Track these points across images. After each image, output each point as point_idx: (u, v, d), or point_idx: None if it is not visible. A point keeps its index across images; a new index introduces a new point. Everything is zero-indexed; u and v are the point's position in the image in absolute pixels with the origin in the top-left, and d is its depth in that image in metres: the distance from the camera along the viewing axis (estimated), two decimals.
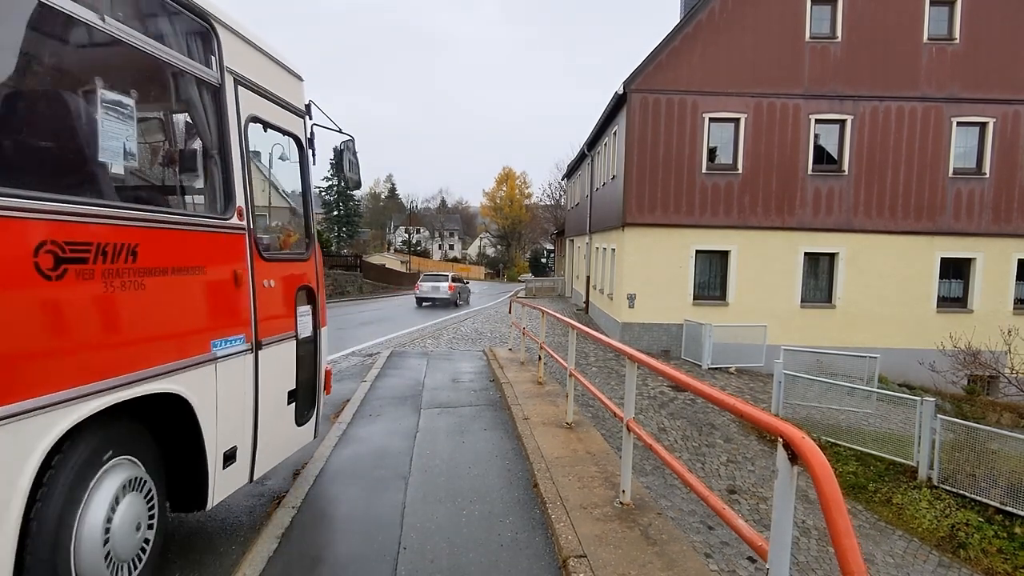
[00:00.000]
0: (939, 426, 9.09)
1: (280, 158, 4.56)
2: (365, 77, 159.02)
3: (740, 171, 16.70)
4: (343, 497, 4.58)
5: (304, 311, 4.43)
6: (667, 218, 16.73)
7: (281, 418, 4.14)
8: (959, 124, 16.61)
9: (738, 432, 10.70)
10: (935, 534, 7.95)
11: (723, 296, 17.07)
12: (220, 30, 3.41)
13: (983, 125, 16.64)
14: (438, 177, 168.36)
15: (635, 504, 4.15)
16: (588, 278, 24.88)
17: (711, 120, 16.64)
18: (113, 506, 2.63)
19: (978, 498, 8.45)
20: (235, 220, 3.49)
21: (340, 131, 5.17)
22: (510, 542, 3.86)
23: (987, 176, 16.70)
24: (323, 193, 70.16)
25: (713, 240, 16.83)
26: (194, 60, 3.23)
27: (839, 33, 16.36)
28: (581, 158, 27.77)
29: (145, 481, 2.91)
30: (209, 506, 3.29)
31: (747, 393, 13.69)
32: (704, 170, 16.68)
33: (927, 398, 9.53)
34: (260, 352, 3.73)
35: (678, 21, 17.34)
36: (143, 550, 2.88)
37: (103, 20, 2.50)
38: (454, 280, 28.47)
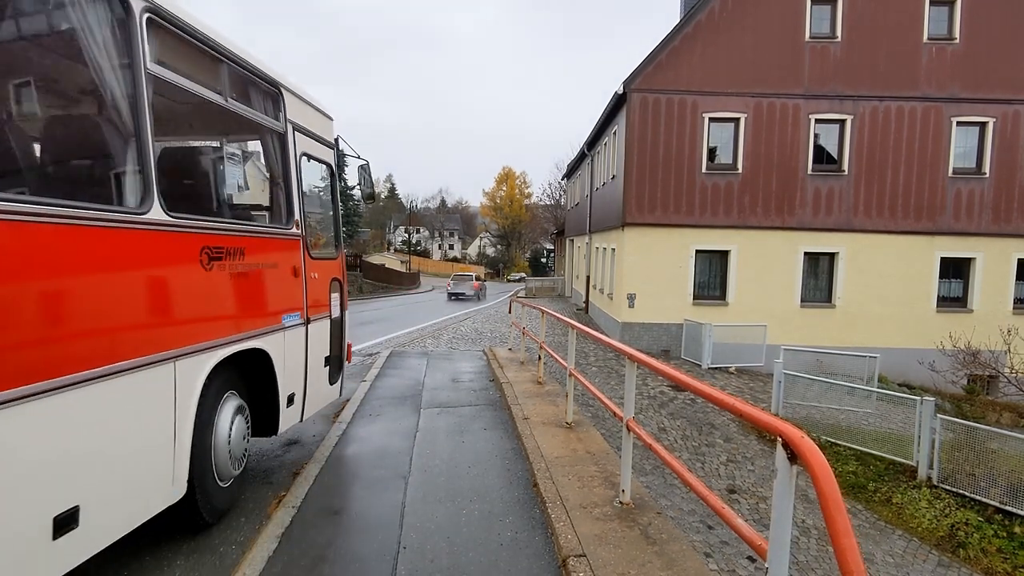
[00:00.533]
0: (939, 426, 9.10)
1: (319, 180, 6.03)
2: (367, 76, 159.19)
3: (740, 171, 16.70)
4: (343, 497, 4.58)
5: (335, 298, 5.82)
6: (667, 218, 16.74)
7: (320, 377, 5.49)
8: (959, 124, 16.62)
9: (738, 432, 10.70)
10: (935, 533, 7.95)
11: (723, 296, 17.08)
12: (285, 93, 4.74)
13: (983, 125, 16.65)
14: (438, 177, 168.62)
15: (635, 504, 4.15)
16: (588, 278, 24.89)
17: (711, 120, 16.64)
18: (230, 422, 4.03)
19: (978, 497, 8.46)
20: (294, 229, 4.83)
21: (358, 157, 6.70)
22: (510, 541, 3.86)
23: (987, 176, 16.71)
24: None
25: (713, 240, 16.84)
26: (269, 116, 4.57)
27: (839, 33, 16.36)
28: (581, 158, 27.77)
29: (244, 409, 4.28)
30: (279, 432, 4.66)
31: (747, 393, 13.69)
32: (704, 170, 16.69)
33: (927, 398, 9.53)
34: (309, 326, 5.11)
35: (678, 21, 17.33)
36: (244, 455, 4.32)
37: (226, 101, 3.88)
38: (477, 279, 36.61)
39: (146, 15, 3.13)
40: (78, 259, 2.65)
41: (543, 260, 70.07)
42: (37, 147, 3.18)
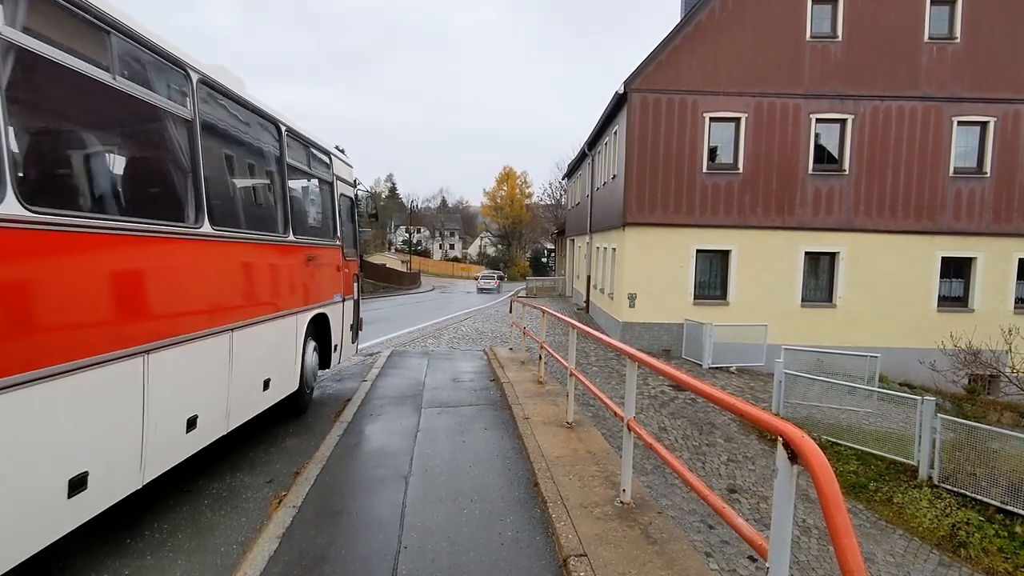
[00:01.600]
0: (940, 425, 9.09)
1: (347, 208, 8.61)
2: (368, 76, 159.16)
3: (741, 171, 16.69)
4: (344, 497, 4.58)
5: (355, 286, 8.84)
6: (668, 218, 16.73)
7: (348, 337, 8.46)
8: (960, 123, 16.60)
9: (739, 431, 10.70)
10: (935, 533, 7.95)
11: (724, 295, 17.07)
12: (333, 159, 7.83)
13: (984, 124, 16.63)
14: (438, 176, 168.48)
15: (635, 503, 4.16)
16: (589, 278, 24.89)
17: (711, 120, 16.63)
18: (312, 354, 6.92)
19: (979, 497, 8.44)
20: (337, 242, 7.78)
21: (367, 190, 9.98)
22: (511, 541, 3.86)
23: (988, 176, 16.69)
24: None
25: (714, 240, 16.83)
26: (325, 174, 7.52)
27: (840, 33, 16.35)
28: (582, 158, 27.76)
29: (316, 349, 7.10)
30: (331, 368, 8.04)
31: (748, 393, 13.69)
32: (705, 170, 16.68)
33: (928, 397, 9.52)
34: (344, 303, 8.10)
35: (679, 21, 17.32)
36: (315, 377, 7.29)
37: (309, 167, 6.81)
38: (499, 278, 52.08)
39: (285, 131, 6.14)
40: (272, 259, 5.80)
41: (544, 260, 70.04)
42: (240, 204, 5.46)
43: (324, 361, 7.54)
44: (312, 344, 6.97)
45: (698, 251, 16.91)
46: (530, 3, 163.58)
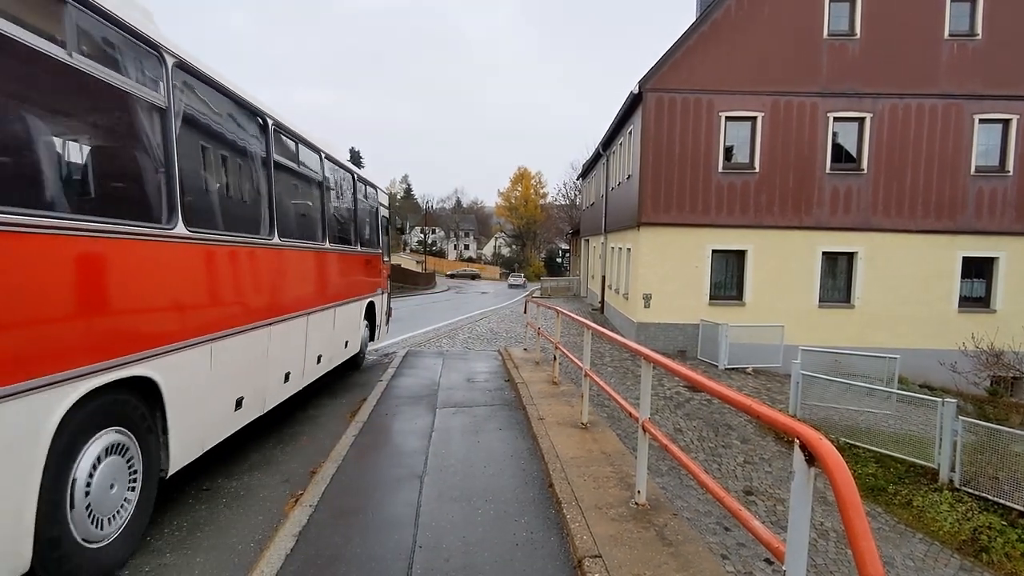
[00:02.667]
0: (961, 428, 8.95)
1: (383, 223, 10.82)
2: (383, 77, 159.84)
3: (757, 170, 16.56)
4: (359, 496, 4.61)
5: (389, 283, 11.37)
6: (683, 217, 16.65)
7: (383, 320, 10.92)
8: (981, 121, 16.34)
9: (755, 433, 10.62)
10: (956, 537, 7.83)
11: (740, 296, 16.94)
12: (378, 190, 10.46)
13: (1006, 122, 16.36)
14: (453, 177, 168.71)
15: (650, 505, 4.14)
16: (603, 278, 24.82)
17: (727, 119, 16.52)
18: (365, 330, 9.81)
19: (1001, 501, 8.31)
20: (379, 249, 10.38)
21: (389, 208, 11.83)
22: (525, 541, 3.87)
23: (1010, 174, 16.41)
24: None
25: (729, 239, 16.71)
26: (372, 201, 10.03)
27: (858, 30, 16.17)
28: (596, 158, 27.70)
29: (368, 325, 9.93)
30: (375, 344, 11.02)
31: (764, 394, 13.58)
32: (720, 169, 16.57)
33: (948, 399, 9.38)
34: (383, 295, 10.68)
35: (694, 20, 17.22)
36: (366, 347, 10.20)
37: (365, 199, 9.52)
38: (524, 278, 59.70)
39: (356, 178, 9.14)
40: (351, 263, 8.56)
41: (558, 260, 69.96)
42: (335, 226, 8.00)
43: (371, 337, 10.62)
44: (365, 322, 9.70)
45: (714, 251, 16.81)
46: (546, 3, 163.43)
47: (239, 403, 4.93)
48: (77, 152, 3.44)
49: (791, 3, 16.22)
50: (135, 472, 3.55)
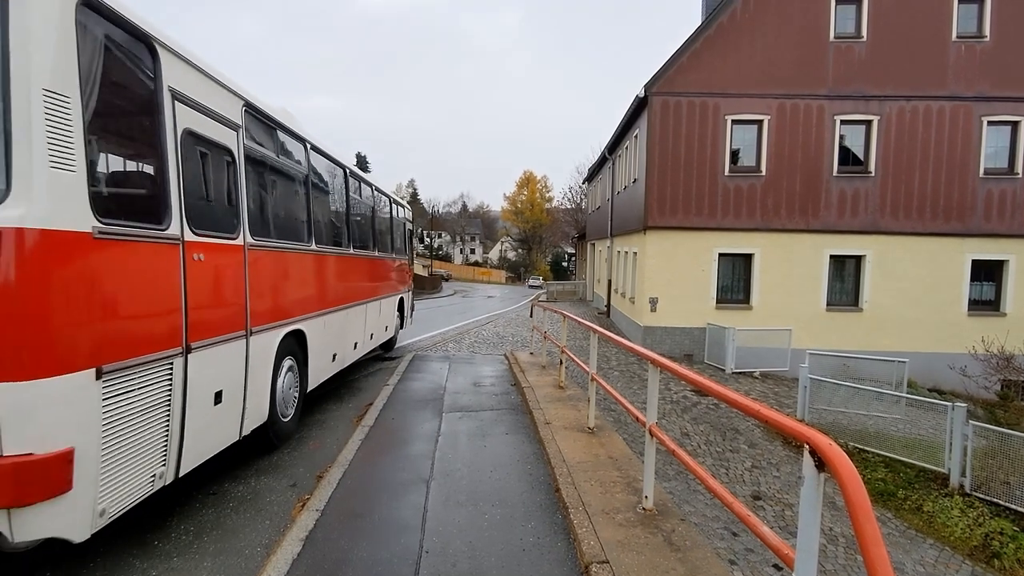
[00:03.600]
0: (971, 432, 8.87)
1: (409, 237, 13.65)
2: (390, 83, 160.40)
3: (763, 173, 16.51)
4: (366, 500, 4.61)
5: (411, 283, 13.86)
6: (689, 221, 16.61)
7: (408, 312, 13.75)
8: (990, 123, 16.24)
9: (763, 437, 10.56)
10: (967, 543, 7.75)
11: (746, 299, 16.88)
12: (407, 210, 13.28)
13: (1015, 124, 16.25)
14: (459, 181, 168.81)
15: (657, 509, 4.12)
16: (610, 282, 24.78)
17: (733, 122, 16.49)
18: (399, 316, 12.65)
19: (1013, 506, 8.23)
20: (407, 256, 13.24)
21: (412, 221, 14.24)
22: (532, 546, 3.85)
23: (1019, 176, 16.30)
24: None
25: (736, 243, 16.66)
26: (402, 219, 12.63)
27: (864, 32, 16.12)
28: (602, 162, 27.68)
29: (398, 315, 12.45)
30: (403, 326, 13.44)
31: (771, 398, 13.50)
32: (727, 172, 16.53)
33: (958, 403, 9.30)
34: (408, 292, 13.50)
35: (699, 24, 17.21)
36: (399, 328, 12.83)
37: (399, 218, 12.27)
38: (543, 279, 63.78)
39: (391, 201, 11.81)
40: (392, 266, 11.47)
41: (564, 264, 69.87)
42: (379, 238, 10.38)
43: (401, 322, 13.24)
44: (396, 313, 12.17)
45: (720, 254, 16.75)
46: (552, 7, 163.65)
47: (333, 357, 7.62)
48: (294, 208, 6.44)
49: (797, 5, 16.18)
50: (297, 385, 6.31)
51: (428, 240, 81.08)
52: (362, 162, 69.08)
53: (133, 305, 3.38)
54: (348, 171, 8.44)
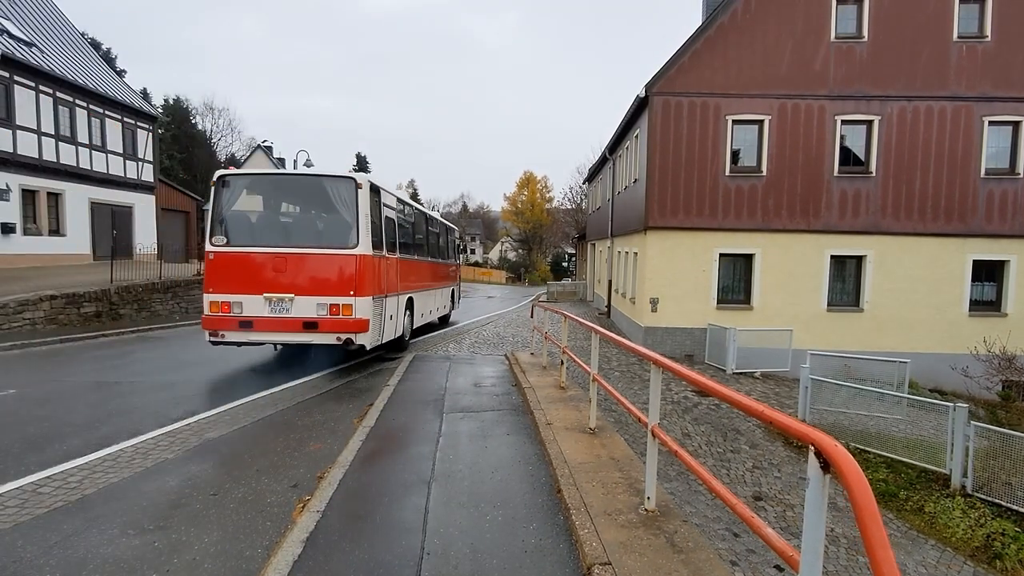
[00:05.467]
0: (973, 433, 8.85)
1: (457, 245, 22.26)
2: (391, 84, 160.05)
3: (764, 173, 16.50)
4: (367, 501, 4.59)
5: (459, 280, 21.24)
6: (690, 221, 16.60)
7: (458, 298, 20.76)
8: (991, 123, 16.23)
9: (764, 438, 10.54)
10: (969, 544, 7.74)
11: (747, 300, 16.87)
12: (454, 226, 21.14)
13: (1016, 124, 16.24)
14: (460, 182, 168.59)
15: (660, 511, 4.10)
16: (610, 282, 24.77)
17: (734, 122, 16.48)
18: (452, 302, 19.43)
19: (1015, 507, 8.21)
20: (457, 261, 21.33)
21: (452, 226, 21.04)
22: (534, 548, 3.84)
23: (1020, 176, 16.29)
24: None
25: (737, 243, 16.65)
26: (454, 236, 20.74)
27: (865, 32, 16.11)
28: (602, 162, 27.67)
29: (452, 298, 19.34)
30: (454, 307, 20.09)
31: (773, 398, 13.49)
32: (727, 172, 16.52)
33: (960, 404, 9.29)
34: (458, 286, 20.56)
35: (700, 24, 17.20)
36: (450, 311, 19.29)
37: (451, 235, 19.87)
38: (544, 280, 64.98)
39: (443, 223, 19.00)
40: (447, 268, 17.99)
41: (564, 264, 69.81)
42: (442, 250, 17.62)
43: (452, 307, 19.52)
44: (451, 297, 18.32)
45: (721, 255, 16.74)
46: (552, 8, 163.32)
47: (423, 315, 14.18)
48: (409, 238, 13.07)
49: (798, 5, 16.17)
50: (409, 325, 12.68)
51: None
52: (362, 162, 69.26)
53: (382, 277, 10.22)
54: (427, 215, 15.99)
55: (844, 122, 16.39)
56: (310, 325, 9.13)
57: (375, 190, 10.09)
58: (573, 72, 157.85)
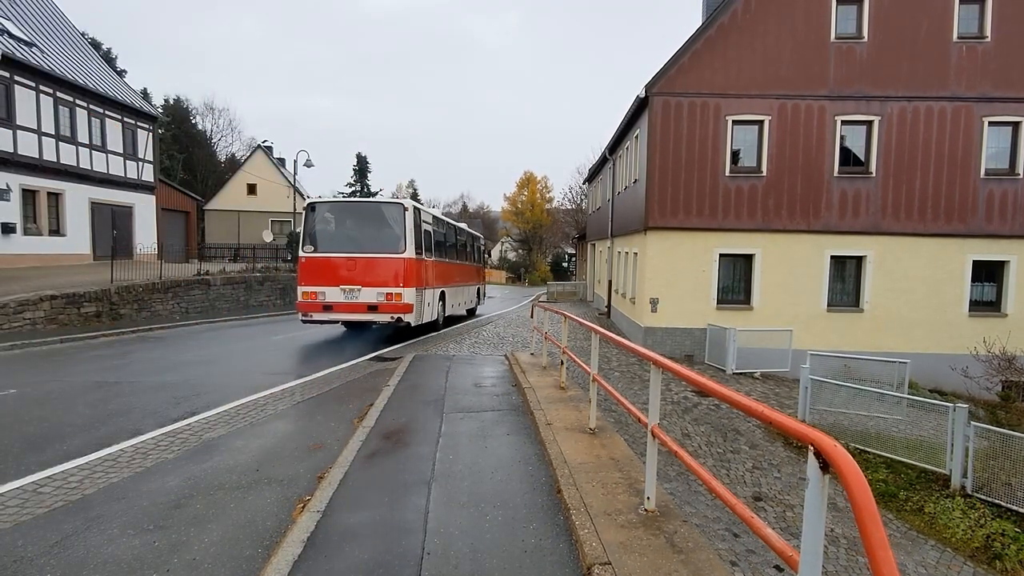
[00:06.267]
0: (973, 433, 8.86)
1: (481, 250, 26.25)
2: (391, 84, 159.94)
3: (764, 173, 16.50)
4: (367, 502, 4.60)
5: (483, 280, 25.54)
6: (690, 221, 16.60)
7: (483, 295, 25.33)
8: (991, 124, 16.23)
9: (763, 438, 10.55)
10: (969, 544, 7.74)
11: (747, 300, 16.87)
12: (480, 236, 26.18)
13: (1016, 124, 16.25)
14: (460, 182, 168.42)
15: (659, 511, 4.11)
16: (610, 282, 24.77)
17: (734, 122, 16.48)
18: (478, 297, 23.72)
19: (1015, 508, 8.21)
20: (481, 264, 25.36)
21: (478, 235, 25.65)
22: (534, 548, 3.84)
23: (1020, 177, 16.29)
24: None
25: (737, 243, 16.66)
26: (480, 243, 25.43)
27: (865, 33, 16.11)
28: (602, 162, 27.68)
29: (478, 295, 23.56)
30: (476, 315, 22.60)
31: (772, 399, 13.49)
32: (727, 173, 16.52)
33: (960, 404, 9.29)
34: (483, 285, 25.09)
35: (700, 24, 17.20)
36: (478, 305, 23.69)
37: (478, 243, 24.74)
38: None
39: (480, 243, 25.84)
40: (475, 270, 23.12)
41: (564, 264, 69.80)
42: (470, 255, 22.31)
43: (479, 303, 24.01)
44: (476, 294, 22.52)
45: (721, 255, 16.75)
46: (554, 8, 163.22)
47: (453, 305, 17.96)
48: (443, 245, 17.00)
49: (798, 6, 16.18)
50: (442, 312, 16.24)
51: None
52: (362, 162, 69.30)
53: (422, 275, 13.94)
54: (456, 227, 19.21)
55: (844, 122, 16.40)
56: (372, 308, 12.93)
57: (416, 211, 13.77)
58: (573, 72, 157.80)
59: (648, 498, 4.13)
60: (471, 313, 22.16)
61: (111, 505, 4.58)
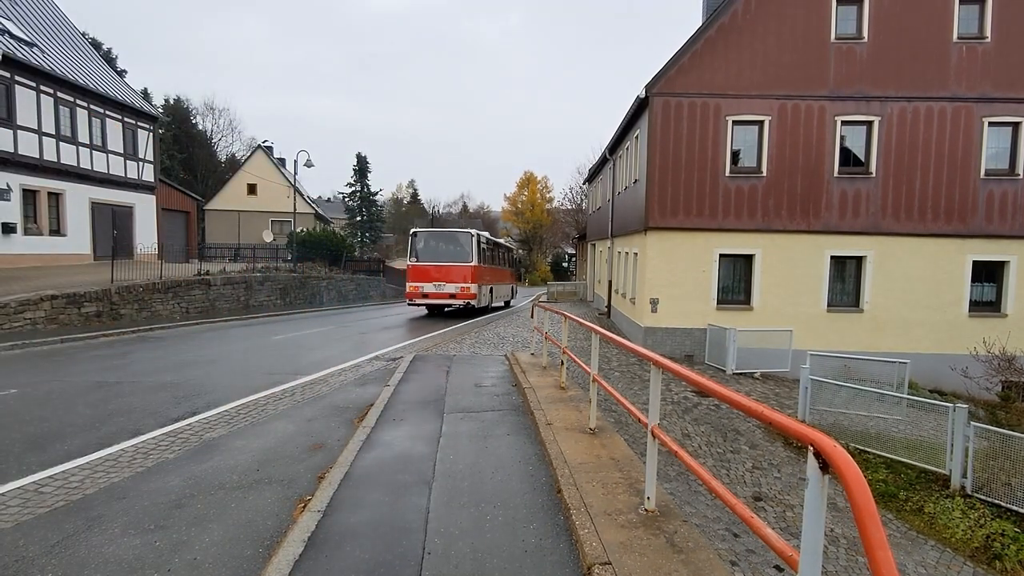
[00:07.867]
0: (972, 433, 8.86)
1: (513, 257, 34.75)
2: (391, 84, 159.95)
3: (764, 174, 16.51)
4: (368, 502, 4.60)
5: (516, 281, 34.28)
6: (690, 221, 16.61)
7: (516, 292, 33.86)
8: (991, 124, 16.24)
9: (763, 438, 10.55)
10: (969, 544, 7.75)
11: (747, 300, 16.88)
12: (513, 247, 44.91)
13: (1016, 125, 16.25)
14: (460, 182, 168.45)
15: (660, 511, 4.11)
16: (610, 282, 24.78)
17: (734, 123, 16.49)
18: (511, 295, 32.54)
19: (1014, 508, 8.22)
20: (514, 268, 33.90)
21: (512, 247, 41.54)
22: (534, 548, 3.85)
23: (1020, 177, 16.30)
24: (346, 199, 71.40)
25: (737, 243, 16.66)
26: (513, 253, 36.37)
27: (865, 33, 16.12)
28: (603, 162, 27.69)
29: (509, 296, 30.96)
30: (511, 307, 30.43)
31: (772, 399, 13.50)
32: (727, 173, 16.53)
33: (960, 404, 9.30)
34: (515, 285, 33.37)
35: (700, 24, 17.21)
36: (511, 301, 31.94)
37: (511, 253, 33.22)
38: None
39: (504, 246, 32.10)
40: (510, 274, 31.34)
41: (564, 264, 69.83)
42: (502, 262, 29.77)
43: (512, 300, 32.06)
44: (511, 292, 30.98)
45: (721, 255, 16.75)
46: (553, 9, 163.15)
47: (495, 299, 25.48)
48: (492, 256, 25.64)
49: (798, 6, 16.18)
50: (490, 301, 24.42)
51: None
52: (362, 162, 69.44)
53: (481, 276, 22.03)
54: (499, 243, 28.90)
55: (844, 123, 16.40)
56: (452, 296, 20.85)
57: (478, 235, 21.86)
58: (574, 72, 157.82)
59: (648, 498, 4.13)
60: (507, 304, 29.88)
61: (112, 505, 4.59)
